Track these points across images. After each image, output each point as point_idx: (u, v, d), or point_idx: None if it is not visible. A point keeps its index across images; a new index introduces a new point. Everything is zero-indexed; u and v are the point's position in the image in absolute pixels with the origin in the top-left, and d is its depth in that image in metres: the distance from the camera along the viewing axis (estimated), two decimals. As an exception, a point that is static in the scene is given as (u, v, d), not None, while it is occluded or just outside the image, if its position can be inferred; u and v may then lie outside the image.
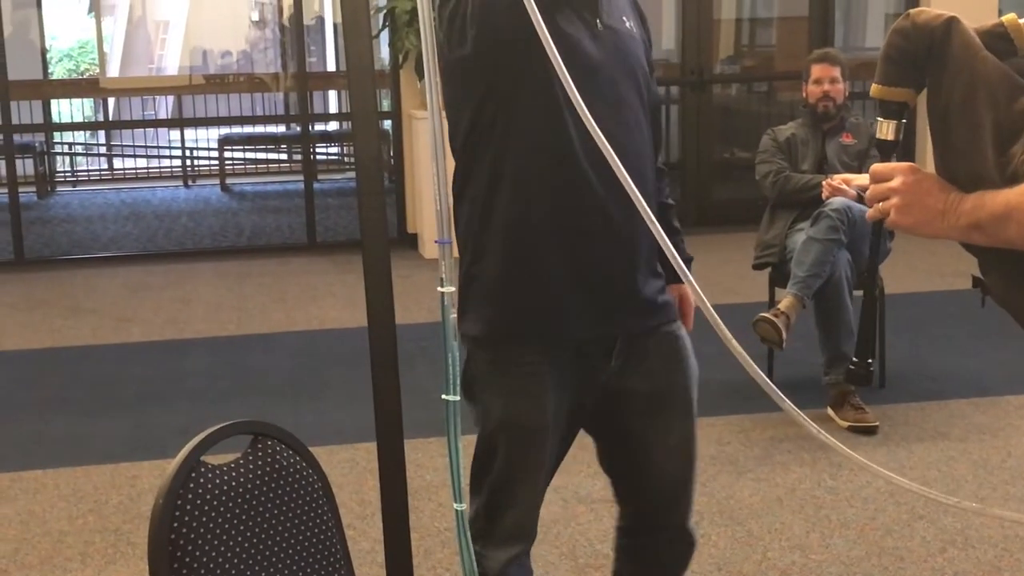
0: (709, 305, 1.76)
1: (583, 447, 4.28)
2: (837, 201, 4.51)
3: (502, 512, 2.32)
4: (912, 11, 1.59)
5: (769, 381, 1.76)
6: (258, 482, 1.92)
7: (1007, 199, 1.42)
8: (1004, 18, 1.55)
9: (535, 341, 2.25)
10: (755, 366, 1.75)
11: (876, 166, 1.60)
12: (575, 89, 1.66)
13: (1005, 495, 3.81)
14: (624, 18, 2.34)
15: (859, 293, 4.77)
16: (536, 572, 3.34)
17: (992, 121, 1.47)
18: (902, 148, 1.73)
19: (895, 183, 1.54)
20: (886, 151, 1.66)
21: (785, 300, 4.42)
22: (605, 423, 2.44)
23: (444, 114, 1.99)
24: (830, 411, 4.48)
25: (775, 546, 3.50)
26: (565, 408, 2.29)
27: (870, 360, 2.58)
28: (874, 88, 1.62)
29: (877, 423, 4.39)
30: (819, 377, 4.56)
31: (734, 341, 1.76)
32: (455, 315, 1.94)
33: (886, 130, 1.64)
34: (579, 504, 3.78)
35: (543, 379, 2.23)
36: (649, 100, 2.36)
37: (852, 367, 2.70)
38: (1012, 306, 1.55)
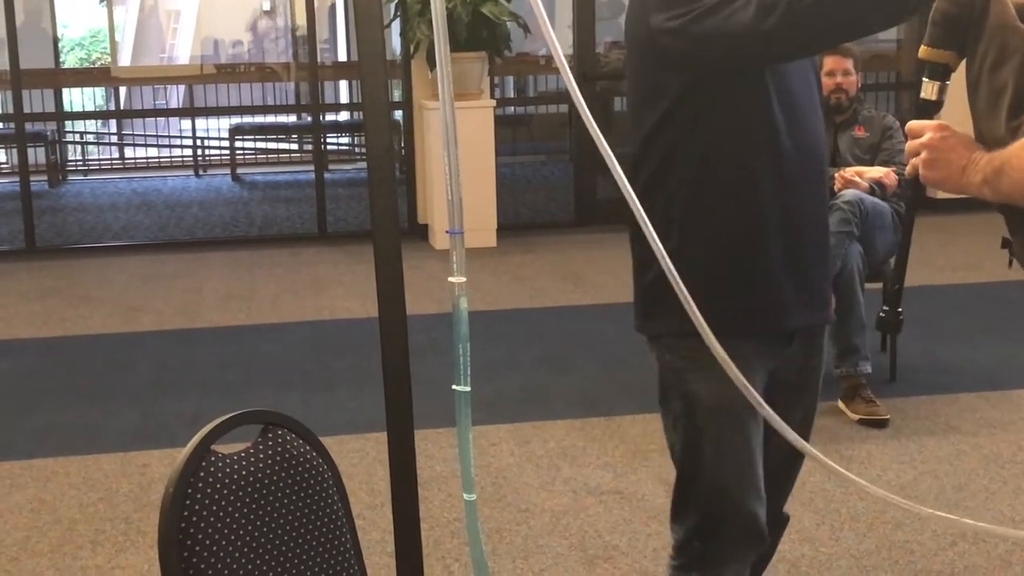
0: (697, 312, 1.76)
1: (592, 439, 4.28)
2: (849, 193, 4.50)
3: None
4: None
5: (750, 386, 1.76)
6: (268, 471, 1.92)
7: (1004, 154, 1.51)
8: None
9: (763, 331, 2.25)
10: (737, 372, 1.74)
11: (912, 123, 1.70)
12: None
13: (1016, 489, 3.80)
14: None
15: (873, 286, 4.76)
16: (544, 563, 3.36)
17: (1013, 87, 1.55)
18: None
19: (924, 139, 1.63)
20: (927, 110, 1.74)
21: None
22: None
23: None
24: (841, 404, 4.47)
25: (785, 539, 3.47)
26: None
27: (900, 309, 2.59)
28: (921, 50, 1.71)
29: (888, 416, 4.38)
30: (830, 369, 4.55)
31: (720, 349, 1.76)
32: (466, 304, 1.94)
33: (930, 90, 1.76)
34: (588, 496, 3.78)
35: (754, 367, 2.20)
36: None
37: (883, 315, 2.72)
38: None
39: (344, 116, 12.44)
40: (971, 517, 3.58)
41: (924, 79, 1.74)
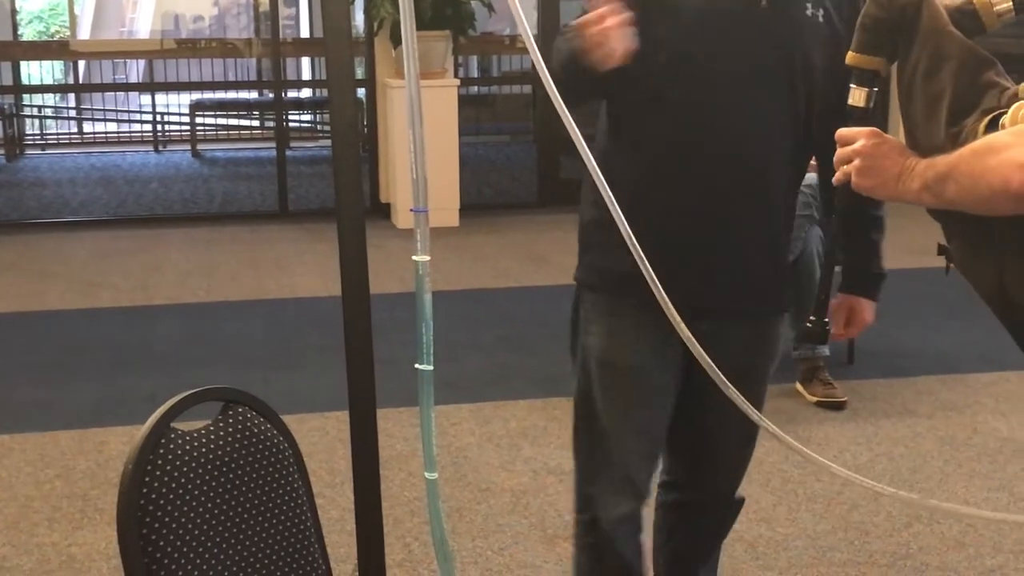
0: (664, 294, 1.76)
1: (553, 419, 4.29)
2: (810, 177, 4.48)
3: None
4: None
5: (717, 370, 1.77)
6: (228, 449, 1.92)
7: (948, 160, 1.48)
8: None
9: None
10: (704, 355, 1.75)
11: (842, 130, 1.64)
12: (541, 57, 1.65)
13: (970, 472, 3.85)
14: (808, 3, 2.21)
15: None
16: (504, 542, 3.37)
17: (951, 93, 1.53)
18: (880, 120, 1.77)
19: (857, 146, 1.59)
20: (857, 117, 1.70)
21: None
22: None
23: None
24: (799, 386, 4.50)
25: (742, 519, 3.50)
26: None
27: (826, 319, 2.62)
28: (848, 55, 1.67)
29: (846, 399, 4.42)
30: (789, 351, 4.58)
31: (686, 330, 1.77)
32: (429, 284, 1.93)
33: (858, 97, 1.70)
34: (549, 475, 3.79)
35: None
36: (810, 94, 2.22)
37: (809, 325, 2.74)
38: (968, 272, 1.60)
39: (306, 93, 12.35)
40: (927, 498, 3.63)
41: (852, 86, 1.70)
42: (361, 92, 8.24)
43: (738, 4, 2.18)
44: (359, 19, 8.04)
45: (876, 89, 1.71)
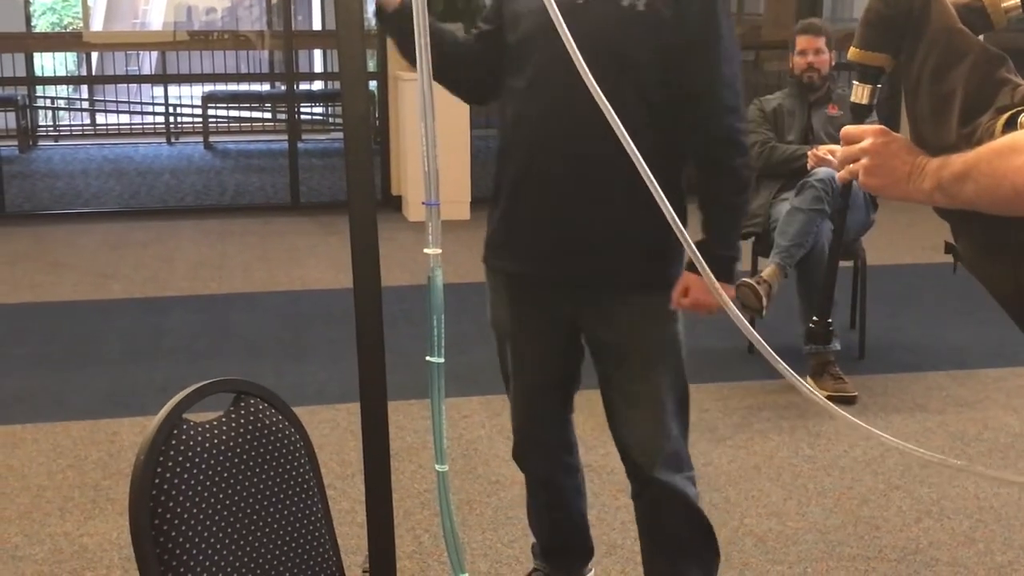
0: (711, 274, 1.74)
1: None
2: (822, 171, 4.51)
3: None
4: None
5: (765, 344, 1.75)
6: (240, 440, 1.92)
7: (966, 159, 1.43)
8: None
9: None
10: (753, 331, 1.73)
11: (847, 128, 1.60)
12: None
13: (982, 466, 3.84)
14: None
15: (844, 263, 4.79)
16: (514, 534, 3.37)
17: (963, 91, 1.48)
18: (888, 115, 1.75)
19: (865, 144, 1.55)
20: (860, 114, 1.66)
21: (768, 269, 4.43)
22: None
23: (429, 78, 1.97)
24: (810, 380, 4.50)
25: (752, 513, 3.52)
26: None
27: (830, 320, 2.61)
28: (851, 51, 1.63)
29: (856, 393, 4.42)
30: (799, 347, 4.58)
31: (735, 309, 1.75)
32: (441, 276, 1.94)
33: (861, 94, 1.65)
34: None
35: None
36: (651, 83, 2.39)
37: (812, 325, 2.74)
38: (980, 272, 1.56)
39: (318, 86, 12.36)
40: (935, 494, 3.62)
41: (855, 82, 1.66)
42: (373, 85, 8.24)
43: (562, 3, 2.24)
44: (371, 12, 8.04)
45: (880, 86, 1.67)
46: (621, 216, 2.43)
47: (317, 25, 13.62)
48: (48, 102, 12.40)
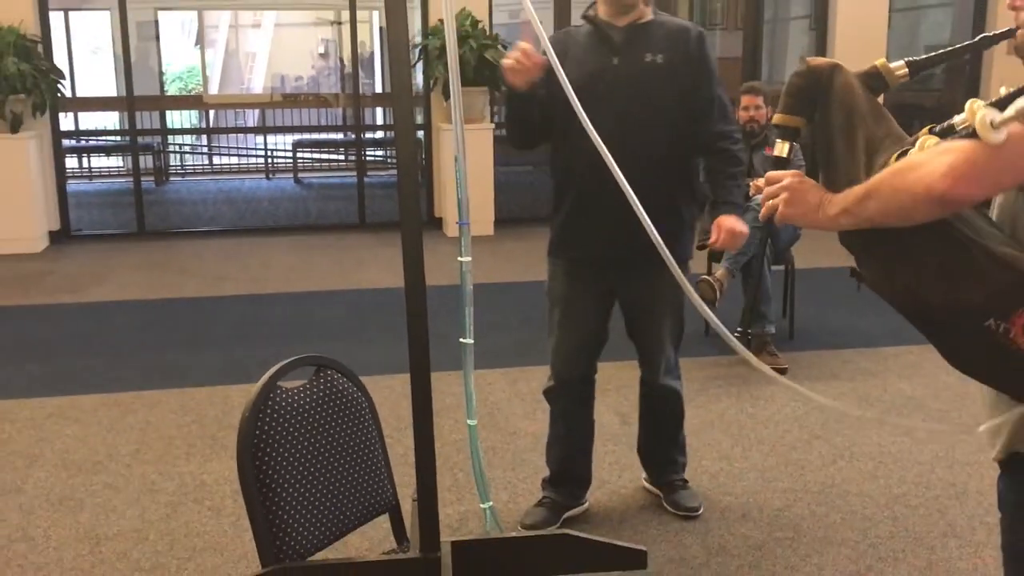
0: (681, 273, 1.79)
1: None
2: (760, 198, 4.47)
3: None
4: (807, 58, 1.61)
5: (723, 327, 1.76)
6: (320, 402, 1.93)
7: (867, 184, 1.41)
8: (877, 62, 1.56)
9: None
10: (713, 316, 1.77)
11: (771, 173, 1.60)
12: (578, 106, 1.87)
13: (880, 421, 3.82)
14: (648, 54, 2.63)
15: (776, 268, 4.77)
16: (527, 473, 3.36)
17: (864, 139, 1.48)
18: (808, 167, 1.73)
19: (784, 183, 1.55)
20: (780, 164, 1.66)
21: (719, 271, 4.41)
22: None
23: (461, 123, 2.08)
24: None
25: (708, 456, 3.51)
26: None
27: (749, 331, 2.66)
28: (776, 116, 1.62)
29: (787, 366, 4.39)
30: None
31: (700, 301, 1.79)
32: (470, 278, 1.94)
33: (782, 148, 1.65)
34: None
35: None
36: (672, 112, 2.65)
37: (738, 334, 2.77)
38: (881, 291, 1.56)
39: (380, 134, 12.37)
40: (847, 442, 3.60)
41: (777, 140, 1.64)
42: (420, 133, 8.24)
43: (598, 65, 2.63)
44: (419, 79, 8.04)
45: (796, 144, 1.67)
46: (650, 217, 2.46)
47: (379, 88, 13.62)
48: (177, 147, 12.44)
